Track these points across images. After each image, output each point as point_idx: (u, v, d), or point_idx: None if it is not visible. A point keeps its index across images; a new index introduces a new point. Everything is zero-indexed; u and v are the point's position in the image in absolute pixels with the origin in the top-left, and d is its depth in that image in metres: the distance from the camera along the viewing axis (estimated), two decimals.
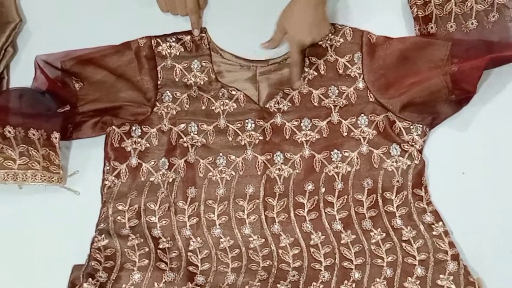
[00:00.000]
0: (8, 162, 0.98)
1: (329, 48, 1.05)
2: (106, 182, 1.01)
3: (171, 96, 1.05)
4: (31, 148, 0.99)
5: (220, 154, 1.03)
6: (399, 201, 0.99)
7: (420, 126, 1.01)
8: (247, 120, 1.04)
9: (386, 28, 1.06)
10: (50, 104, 1.01)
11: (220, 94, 1.05)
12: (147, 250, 0.96)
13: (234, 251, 0.97)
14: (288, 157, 1.02)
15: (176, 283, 0.93)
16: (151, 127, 1.04)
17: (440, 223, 0.96)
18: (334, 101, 1.04)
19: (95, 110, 1.03)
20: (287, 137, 1.03)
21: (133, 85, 1.04)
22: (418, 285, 0.91)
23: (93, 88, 1.04)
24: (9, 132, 0.99)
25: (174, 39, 1.07)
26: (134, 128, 1.04)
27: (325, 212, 0.99)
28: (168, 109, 1.05)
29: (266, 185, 1.01)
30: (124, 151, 1.03)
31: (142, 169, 1.02)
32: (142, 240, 0.97)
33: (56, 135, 1.00)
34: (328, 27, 1.04)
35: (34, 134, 1.00)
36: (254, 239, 0.98)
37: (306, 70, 1.05)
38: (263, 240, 0.98)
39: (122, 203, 1.00)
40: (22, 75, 1.07)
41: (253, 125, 1.03)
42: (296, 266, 0.95)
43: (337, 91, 1.04)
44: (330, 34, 1.05)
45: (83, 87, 1.04)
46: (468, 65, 0.99)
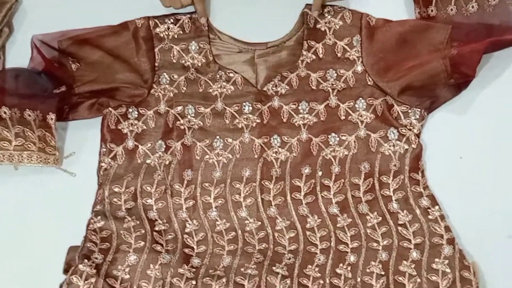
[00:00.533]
0: (4, 143, 0.98)
1: (327, 31, 1.05)
2: (103, 164, 1.01)
3: (168, 78, 1.04)
4: (27, 129, 0.99)
5: (217, 137, 1.02)
6: (396, 185, 0.98)
7: (418, 110, 1.01)
8: (244, 103, 1.03)
9: (386, 11, 1.05)
10: (47, 84, 1.01)
11: (217, 76, 1.04)
12: (143, 232, 0.96)
13: (230, 233, 0.97)
14: (285, 140, 1.02)
15: (171, 265, 0.93)
16: (148, 109, 1.03)
17: (436, 207, 0.96)
18: (332, 84, 1.03)
19: (91, 91, 1.02)
20: (284, 120, 1.02)
21: (130, 66, 1.04)
22: (413, 268, 0.92)
23: (89, 68, 1.03)
24: (4, 113, 0.98)
25: (172, 20, 1.06)
26: (130, 110, 1.03)
27: (321, 196, 0.99)
28: (165, 91, 1.04)
29: (263, 168, 1.00)
30: (120, 133, 1.02)
31: (139, 151, 1.02)
32: (138, 222, 0.97)
33: (52, 116, 1.00)
34: None
35: (30, 115, 0.99)
36: (250, 222, 0.98)
37: (304, 53, 1.04)
38: (259, 223, 0.98)
39: (118, 185, 1.00)
40: (18, 55, 1.06)
41: (250, 108, 1.03)
42: (292, 249, 0.96)
43: (335, 75, 1.03)
44: (330, 16, 1.04)
45: (80, 68, 1.03)
46: (468, 48, 0.98)
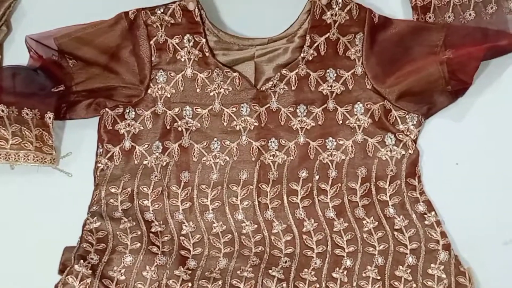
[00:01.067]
0: (1, 142, 0.97)
1: (333, 24, 1.02)
2: (99, 165, 1.01)
3: (165, 76, 1.03)
4: (24, 128, 0.98)
5: (215, 139, 1.02)
6: (392, 190, 0.99)
7: (416, 116, 1.01)
8: (242, 105, 1.03)
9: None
10: (45, 82, 1.00)
11: (214, 74, 1.03)
12: (139, 233, 0.95)
13: (227, 236, 0.97)
14: (282, 143, 1.02)
15: (167, 266, 0.93)
16: (145, 110, 1.03)
17: (433, 213, 0.96)
18: (332, 86, 1.03)
19: (88, 90, 1.02)
20: (282, 123, 1.02)
21: (126, 64, 1.02)
22: (409, 273, 0.92)
23: (87, 66, 1.02)
24: (2, 111, 0.97)
25: (162, 10, 1.02)
26: (128, 110, 1.03)
27: (318, 200, 0.99)
28: (163, 91, 1.03)
29: (260, 171, 1.00)
30: (117, 133, 1.02)
31: (136, 152, 1.02)
32: (134, 223, 0.96)
33: (50, 115, 0.99)
34: None
35: (28, 114, 0.99)
36: (246, 225, 0.98)
37: (306, 49, 1.03)
38: (256, 226, 0.98)
39: (115, 186, 0.99)
40: (16, 54, 1.06)
41: (248, 109, 1.03)
42: (288, 252, 0.96)
43: (335, 75, 1.03)
44: (337, 9, 1.02)
45: (77, 65, 1.02)
46: (466, 55, 0.99)
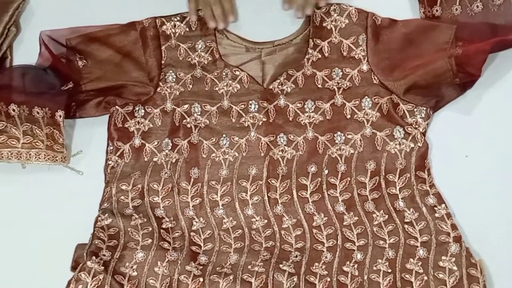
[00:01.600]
0: (12, 141, 0.98)
1: (333, 29, 1.05)
2: (110, 162, 1.01)
3: (174, 76, 1.05)
4: (35, 127, 0.99)
5: (224, 135, 1.03)
6: (402, 183, 0.99)
7: (424, 109, 1.01)
8: (250, 102, 1.04)
9: (391, 10, 1.06)
10: (54, 81, 1.01)
11: (223, 74, 1.05)
12: (150, 229, 0.96)
13: (237, 231, 0.97)
14: (291, 138, 1.02)
15: (179, 262, 0.93)
16: (154, 108, 1.04)
17: (443, 205, 0.96)
18: (338, 83, 1.04)
19: (98, 89, 1.03)
20: (290, 118, 1.03)
21: (137, 65, 1.04)
22: (420, 266, 0.92)
23: (97, 66, 1.04)
24: (13, 110, 0.98)
25: (178, 18, 1.07)
26: (137, 108, 1.04)
27: (328, 194, 0.99)
28: (172, 89, 1.04)
29: (269, 166, 1.01)
30: (127, 131, 1.03)
31: (145, 149, 1.02)
32: (145, 219, 0.97)
33: (60, 113, 1.00)
34: None
35: (38, 112, 1.00)
36: (257, 220, 0.98)
37: (310, 51, 1.05)
38: (266, 221, 0.98)
39: (125, 183, 1.00)
40: (25, 54, 1.07)
41: (256, 106, 1.03)
42: (299, 247, 0.96)
43: (341, 73, 1.04)
44: (336, 15, 1.05)
45: (87, 65, 1.04)
46: (473, 48, 0.99)
